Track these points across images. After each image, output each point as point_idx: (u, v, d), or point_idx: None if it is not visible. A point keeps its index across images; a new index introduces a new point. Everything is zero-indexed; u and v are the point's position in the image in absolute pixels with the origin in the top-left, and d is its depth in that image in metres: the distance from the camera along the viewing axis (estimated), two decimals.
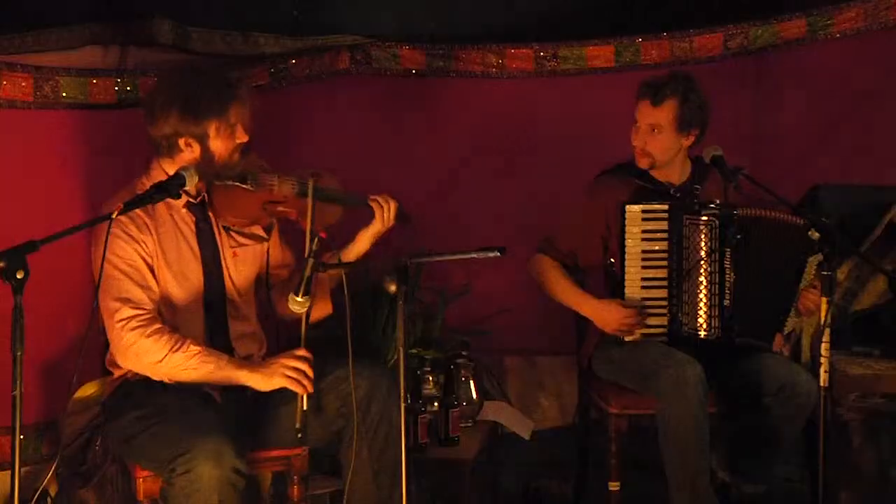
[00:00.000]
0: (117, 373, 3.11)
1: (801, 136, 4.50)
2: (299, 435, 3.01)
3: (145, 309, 2.98)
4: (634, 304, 3.53)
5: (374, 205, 3.16)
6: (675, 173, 3.67)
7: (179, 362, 2.96)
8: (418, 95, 4.31)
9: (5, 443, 3.47)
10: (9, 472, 2.51)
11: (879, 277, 3.89)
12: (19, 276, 2.41)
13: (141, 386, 3.03)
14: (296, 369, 3.00)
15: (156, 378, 3.02)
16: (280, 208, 3.11)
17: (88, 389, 3.35)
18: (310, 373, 3.00)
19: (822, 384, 3.05)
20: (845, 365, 3.72)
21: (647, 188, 3.63)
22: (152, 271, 3.04)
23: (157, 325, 2.98)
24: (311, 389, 3.00)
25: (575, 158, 4.22)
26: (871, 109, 4.50)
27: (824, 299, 3.02)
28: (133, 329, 2.94)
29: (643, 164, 3.64)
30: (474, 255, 2.78)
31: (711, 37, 4.43)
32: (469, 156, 4.36)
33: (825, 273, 3.03)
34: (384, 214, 3.15)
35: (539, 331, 4.36)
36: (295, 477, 3.19)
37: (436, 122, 4.36)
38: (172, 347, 2.95)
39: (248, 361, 3.11)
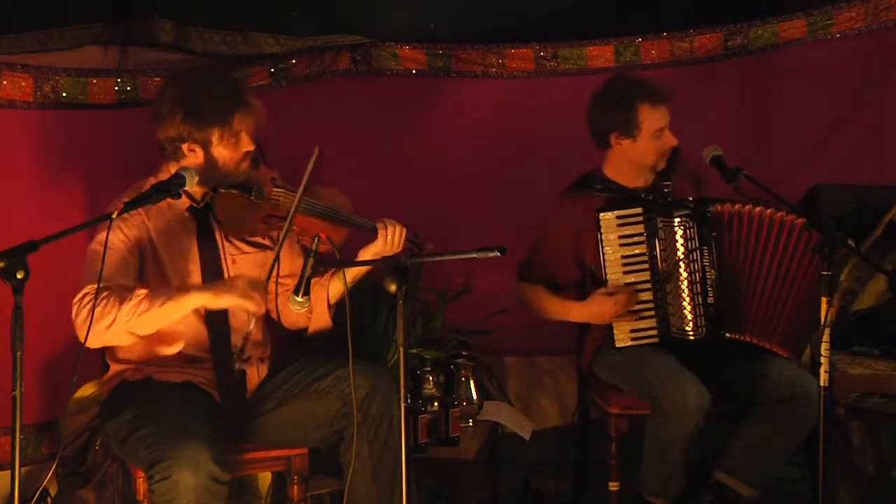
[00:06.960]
0: (114, 367, 3.10)
1: (801, 136, 4.50)
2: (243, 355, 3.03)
3: (109, 287, 2.88)
4: (618, 289, 3.51)
5: (379, 226, 3.12)
6: (645, 176, 3.64)
7: (130, 311, 2.86)
8: (418, 95, 4.31)
9: (5, 443, 3.48)
10: (9, 472, 2.51)
11: (879, 277, 3.88)
12: (19, 276, 2.41)
13: (138, 386, 3.02)
14: (251, 294, 2.94)
15: (120, 343, 2.96)
16: (282, 224, 3.07)
17: (88, 389, 3.36)
18: (260, 305, 2.97)
19: (821, 384, 3.06)
20: (845, 365, 3.72)
21: (617, 196, 3.61)
22: (142, 267, 3.02)
23: (106, 293, 2.87)
24: (262, 310, 2.99)
25: (575, 158, 4.20)
26: (871, 109, 4.50)
27: (824, 299, 3.02)
28: (87, 304, 2.84)
29: (663, 165, 3.61)
30: (474, 255, 2.77)
31: (711, 37, 4.43)
32: (469, 155, 4.35)
33: (825, 273, 3.03)
34: (388, 237, 3.10)
35: (539, 331, 4.33)
36: (295, 477, 3.19)
37: (436, 122, 4.35)
38: (119, 302, 2.86)
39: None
